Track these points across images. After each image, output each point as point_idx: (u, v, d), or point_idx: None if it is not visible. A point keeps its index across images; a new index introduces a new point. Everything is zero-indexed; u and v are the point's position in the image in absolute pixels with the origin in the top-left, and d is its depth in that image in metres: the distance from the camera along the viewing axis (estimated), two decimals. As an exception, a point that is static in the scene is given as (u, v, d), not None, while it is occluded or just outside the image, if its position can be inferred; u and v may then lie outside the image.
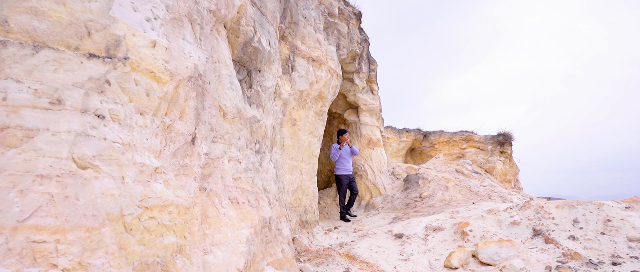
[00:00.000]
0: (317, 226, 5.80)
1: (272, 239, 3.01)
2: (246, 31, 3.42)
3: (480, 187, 8.24)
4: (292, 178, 5.26)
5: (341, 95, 9.49)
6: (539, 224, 4.46)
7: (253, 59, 3.71)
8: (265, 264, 2.86)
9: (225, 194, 2.46)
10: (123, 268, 1.34)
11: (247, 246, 2.28)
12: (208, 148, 2.35)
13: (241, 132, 2.96)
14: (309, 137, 5.83)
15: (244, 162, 2.97)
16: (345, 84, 9.28)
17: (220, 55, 2.80)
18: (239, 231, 2.27)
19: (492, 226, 4.82)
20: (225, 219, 2.24)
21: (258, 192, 3.07)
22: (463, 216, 5.43)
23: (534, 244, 4.18)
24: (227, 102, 2.81)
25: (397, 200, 7.98)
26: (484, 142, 12.79)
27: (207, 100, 2.37)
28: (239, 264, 2.13)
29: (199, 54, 2.27)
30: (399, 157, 14.90)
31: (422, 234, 5.14)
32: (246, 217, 2.54)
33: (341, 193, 7.45)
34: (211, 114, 2.48)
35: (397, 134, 14.68)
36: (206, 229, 2.10)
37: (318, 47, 5.69)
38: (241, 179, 2.85)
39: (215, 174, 2.37)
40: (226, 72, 2.88)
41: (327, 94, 6.03)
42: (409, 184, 8.50)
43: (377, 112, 9.48)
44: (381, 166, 9.04)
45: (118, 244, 1.38)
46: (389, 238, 5.13)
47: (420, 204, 7.37)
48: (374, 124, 9.32)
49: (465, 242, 4.59)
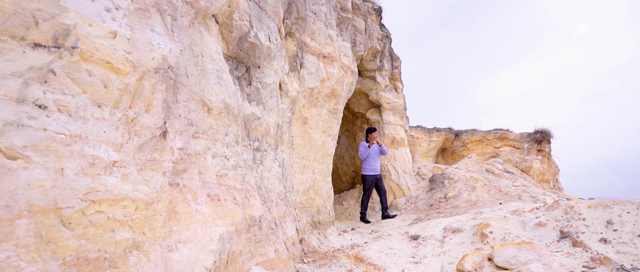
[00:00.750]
0: (332, 226, 5.64)
1: (262, 239, 2.90)
2: (240, 26, 3.35)
3: (511, 187, 7.74)
4: (304, 178, 5.14)
5: (363, 94, 9.28)
6: (566, 226, 4.06)
7: (251, 54, 3.64)
8: (253, 263, 2.75)
9: (204, 190, 2.38)
10: (39, 262, 1.27)
11: (220, 244, 2.18)
12: (184, 143, 2.28)
13: (229, 128, 2.87)
14: (323, 136, 5.69)
15: (233, 159, 2.89)
16: (366, 82, 9.07)
17: (205, 49, 2.74)
18: (211, 229, 2.18)
19: (515, 227, 4.46)
20: (197, 215, 2.15)
21: (249, 190, 2.97)
22: (485, 217, 5.08)
23: (559, 247, 3.80)
24: (213, 97, 2.74)
25: (421, 201, 7.65)
26: (520, 140, 12.08)
27: (182, 93, 2.30)
28: (207, 262, 2.03)
29: (170, 46, 2.21)
30: (430, 157, 14.42)
31: (440, 235, 4.85)
32: (226, 214, 2.45)
33: (366, 193, 7.19)
34: (189, 108, 2.41)
35: (427, 133, 14.22)
36: (174, 225, 2.01)
37: (330, 44, 5.55)
38: (228, 176, 2.76)
39: (191, 169, 2.30)
40: (213, 67, 2.81)
41: (341, 92, 5.87)
42: (434, 184, 8.14)
43: (401, 111, 9.18)
44: (405, 166, 8.73)
45: (43, 237, 1.31)
46: (404, 240, 4.88)
47: (444, 205, 7.02)
48: (398, 123, 9.03)
49: (484, 244, 4.27)
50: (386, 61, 9.11)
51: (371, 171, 7.18)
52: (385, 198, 7.26)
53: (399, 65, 9.62)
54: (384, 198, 7.24)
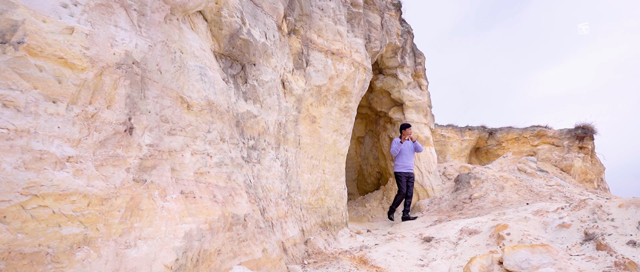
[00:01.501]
0: (344, 228, 5.50)
1: (248, 238, 2.82)
2: (230, 23, 3.32)
3: (544, 187, 7.22)
4: (312, 178, 5.04)
5: (385, 92, 9.05)
6: (592, 227, 3.68)
7: (245, 52, 3.60)
8: (236, 262, 2.68)
9: (177, 187, 2.34)
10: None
11: (186, 242, 2.13)
12: (154, 139, 2.26)
13: (212, 125, 2.83)
14: (334, 135, 5.57)
15: (217, 156, 2.84)
16: (388, 80, 8.84)
17: (185, 45, 2.72)
18: (177, 226, 2.13)
19: (536, 228, 4.11)
20: (163, 212, 2.11)
21: (235, 188, 2.91)
22: (507, 218, 4.73)
23: (581, 250, 3.44)
24: (194, 94, 2.71)
25: (445, 202, 7.31)
26: (559, 137, 11.30)
27: (151, 89, 2.28)
28: (167, 259, 1.98)
29: (136, 41, 2.19)
30: (462, 157, 13.86)
31: (455, 237, 4.58)
32: (200, 212, 2.40)
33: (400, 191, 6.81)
34: (162, 104, 2.39)
35: (458, 132, 13.69)
36: (136, 222, 1.98)
37: (339, 40, 5.43)
38: (210, 174, 2.72)
39: (162, 166, 2.27)
40: (195, 64, 2.79)
41: (352, 89, 5.72)
42: (459, 184, 7.77)
43: (425, 109, 8.86)
44: (430, 165, 8.40)
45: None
46: (416, 242, 4.65)
47: (469, 206, 6.66)
48: (422, 121, 8.72)
49: (500, 246, 3.97)
50: (408, 58, 8.83)
51: (404, 168, 6.81)
52: (410, 201, 6.94)
53: (422, 61, 9.29)
54: (409, 200, 6.91)
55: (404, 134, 6.84)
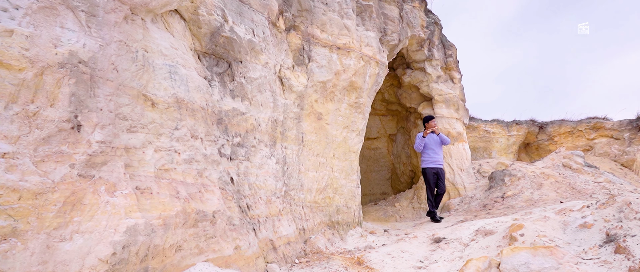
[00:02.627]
0: (356, 227, 5.33)
1: (216, 235, 2.80)
2: (209, 21, 3.33)
3: (590, 184, 6.48)
4: (319, 176, 4.93)
5: (414, 87, 8.70)
6: (615, 227, 3.21)
7: (229, 49, 3.60)
8: (201, 259, 2.67)
9: (131, 183, 2.38)
10: None
11: (127, 237, 2.14)
12: (106, 136, 2.31)
13: (181, 122, 2.86)
14: (344, 132, 5.42)
15: (187, 153, 2.86)
16: (416, 74, 8.48)
17: (151, 45, 2.76)
18: (121, 221, 2.15)
19: (554, 229, 3.68)
20: (107, 207, 2.14)
21: (207, 185, 2.91)
22: (526, 218, 4.29)
23: (598, 253, 3.01)
24: (160, 92, 2.75)
25: (475, 201, 6.84)
26: (619, 129, 10.13)
27: (103, 87, 2.34)
28: (102, 253, 2.00)
29: (84, 41, 2.26)
30: (510, 154, 12.95)
31: (468, 238, 4.24)
32: (155, 208, 2.41)
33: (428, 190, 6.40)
34: (118, 102, 2.44)
35: (505, 128, 12.82)
36: (76, 216, 2.03)
37: (346, 34, 5.28)
38: (176, 170, 2.74)
39: (113, 162, 2.31)
40: (163, 62, 2.83)
41: (362, 84, 5.53)
42: (493, 182, 7.23)
43: (457, 103, 8.37)
44: (462, 162, 7.92)
45: None
46: (425, 243, 4.37)
47: (498, 205, 6.16)
48: (453, 116, 8.25)
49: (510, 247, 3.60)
50: (436, 50, 8.41)
51: (431, 163, 6.39)
52: (440, 199, 6.48)
53: (453, 53, 8.80)
54: (439, 199, 6.47)
55: (428, 126, 6.47)
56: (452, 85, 8.66)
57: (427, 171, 6.33)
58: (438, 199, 6.41)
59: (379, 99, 9.71)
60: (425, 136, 6.37)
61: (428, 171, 6.33)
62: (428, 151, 6.38)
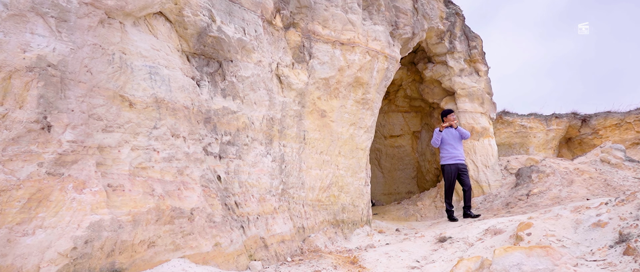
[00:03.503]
0: (364, 226, 5.21)
1: (194, 231, 2.83)
2: (195, 21, 3.38)
3: (630, 180, 5.92)
4: (323, 174, 4.87)
5: (436, 81, 8.39)
6: (631, 226, 2.89)
7: (218, 49, 3.64)
8: (177, 255, 2.71)
9: (103, 180, 2.46)
10: None
11: (90, 232, 2.21)
12: (78, 136, 2.40)
13: (160, 121, 2.92)
14: (350, 129, 5.33)
15: (166, 151, 2.91)
16: (438, 68, 8.18)
17: (130, 47, 2.85)
18: (85, 217, 2.23)
19: (564, 228, 3.38)
20: (73, 204, 2.23)
21: (187, 183, 2.95)
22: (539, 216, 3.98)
23: (605, 254, 2.72)
24: (138, 92, 2.82)
25: (499, 199, 6.48)
26: (672, 120, 9.17)
27: (74, 89, 2.43)
28: (62, 247, 2.08)
29: (54, 45, 2.36)
30: (549, 149, 12.18)
31: (475, 238, 4.01)
32: (125, 204, 2.47)
33: (446, 187, 6.07)
34: (92, 103, 2.53)
35: (543, 122, 12.09)
36: (41, 212, 2.13)
37: (351, 29, 5.19)
38: (154, 168, 2.80)
39: (84, 161, 2.40)
40: (143, 64, 2.90)
41: (369, 80, 5.40)
42: (519, 179, 6.81)
43: (481, 96, 7.97)
44: (487, 159, 7.53)
45: None
46: (429, 242, 4.18)
47: (522, 204, 5.79)
48: (477, 111, 7.87)
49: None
50: (458, 42, 8.05)
51: (450, 159, 6.00)
52: (469, 195, 6.00)
53: (478, 44, 8.39)
54: (468, 194, 6.00)
55: (446, 120, 6.15)
56: (477, 78, 8.26)
57: (446, 167, 6.03)
58: (466, 195, 6.02)
59: (401, 95, 9.47)
60: (441, 130, 6.05)
61: (447, 167, 6.02)
62: (446, 146, 6.07)
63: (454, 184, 5.99)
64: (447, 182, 6.00)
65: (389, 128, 9.73)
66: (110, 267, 2.31)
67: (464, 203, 5.96)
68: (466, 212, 5.93)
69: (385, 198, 9.93)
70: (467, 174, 5.99)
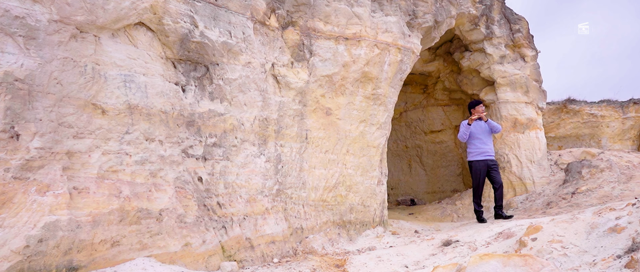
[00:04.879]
0: (376, 227, 5.00)
1: (162, 232, 2.93)
2: (176, 29, 3.50)
3: None
4: (328, 173, 4.77)
5: (474, 71, 7.80)
6: (646, 233, 2.39)
7: (203, 54, 3.73)
8: (143, 254, 2.83)
9: (68, 184, 2.64)
10: None
11: (44, 231, 2.38)
12: (46, 143, 2.61)
13: (133, 126, 3.06)
14: (360, 127, 5.15)
15: (139, 155, 3.05)
16: (476, 57, 7.59)
17: (104, 58, 3.03)
18: (42, 217, 2.40)
19: (575, 233, 2.92)
20: (33, 205, 2.42)
21: (159, 185, 3.07)
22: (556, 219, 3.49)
23: (607, 266, 2.30)
24: (111, 100, 2.99)
25: (541, 198, 5.82)
26: None
27: (43, 100, 2.64)
28: (15, 245, 2.26)
29: (22, 61, 2.59)
30: (626, 140, 10.74)
31: (483, 242, 3.65)
32: (87, 206, 2.63)
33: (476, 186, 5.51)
34: (62, 112, 2.74)
35: (618, 109, 10.69)
36: (3, 213, 2.34)
37: (357, 23, 5.01)
38: (125, 171, 2.94)
39: (51, 165, 2.60)
40: (117, 73, 3.08)
41: (379, 74, 5.17)
42: (568, 175, 6.06)
43: (526, 84, 7.23)
44: (533, 153, 6.81)
45: None
46: (431, 246, 3.89)
47: (563, 203, 5.14)
48: (521, 100, 7.16)
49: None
50: (497, 26, 7.39)
51: (479, 155, 5.45)
52: (500, 193, 5.41)
53: (522, 27, 7.61)
54: (499, 193, 5.40)
55: (474, 112, 5.63)
56: (523, 64, 7.50)
57: (474, 164, 5.53)
58: (497, 194, 5.47)
59: (439, 88, 8.94)
60: (470, 123, 5.54)
61: (475, 164, 5.51)
62: (474, 141, 5.55)
63: (483, 183, 5.49)
64: (475, 181, 5.51)
65: (428, 123, 9.24)
66: (68, 264, 2.48)
67: (495, 203, 5.43)
68: (497, 213, 5.40)
69: (428, 197, 9.46)
70: (497, 171, 5.45)
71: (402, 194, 9.84)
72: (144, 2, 3.28)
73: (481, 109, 5.59)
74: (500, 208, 5.38)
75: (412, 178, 9.75)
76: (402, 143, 9.72)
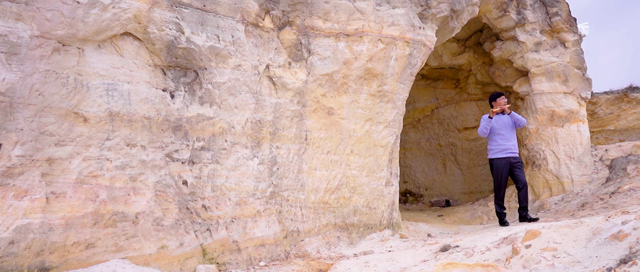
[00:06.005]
0: (384, 230, 4.79)
1: (138, 234, 3.01)
2: (161, 36, 3.60)
3: None
4: (330, 175, 4.65)
5: (507, 62, 7.24)
6: (644, 242, 2.01)
7: (190, 59, 3.80)
8: (118, 256, 2.92)
9: (46, 189, 2.80)
10: None
11: (15, 234, 2.52)
12: (26, 151, 2.79)
13: (114, 133, 3.18)
14: (366, 125, 4.97)
15: (119, 160, 3.17)
16: (508, 46, 7.04)
17: (86, 68, 3.18)
18: (15, 221, 2.56)
19: (575, 240, 2.56)
20: (9, 210, 2.59)
21: (138, 189, 3.16)
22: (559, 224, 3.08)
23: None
24: (93, 108, 3.14)
25: (578, 199, 5.24)
26: None
27: (23, 111, 2.83)
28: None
29: (4, 76, 2.79)
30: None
31: (482, 248, 3.34)
32: (62, 209, 2.77)
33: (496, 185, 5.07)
34: (43, 122, 2.91)
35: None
36: (-20, 216, 2.54)
37: (359, 18, 4.85)
38: (105, 176, 3.07)
39: (30, 172, 2.77)
40: (100, 82, 3.22)
41: (384, 70, 4.95)
42: (612, 173, 5.40)
43: (564, 72, 6.55)
44: (573, 149, 6.16)
45: None
46: (429, 251, 3.62)
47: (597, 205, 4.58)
48: (558, 91, 6.51)
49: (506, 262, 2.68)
50: (530, 11, 6.78)
51: (500, 152, 4.97)
52: (524, 193, 4.92)
53: (561, 10, 6.91)
54: (523, 193, 4.92)
55: (495, 106, 5.17)
56: (562, 50, 6.80)
57: (495, 162, 5.08)
58: (521, 194, 4.99)
59: (472, 81, 8.39)
60: (491, 116, 5.09)
61: (496, 162, 5.05)
62: (495, 137, 5.09)
63: (505, 182, 5.03)
64: (497, 180, 5.06)
65: (461, 120, 8.71)
66: (40, 265, 2.63)
67: (519, 204, 4.94)
68: (522, 215, 4.92)
69: (465, 197, 8.92)
70: (521, 169, 4.96)
71: (436, 195, 9.38)
72: (126, 13, 3.41)
73: (503, 101, 5.13)
74: (524, 210, 4.90)
75: (447, 178, 9.26)
76: (435, 141, 9.26)
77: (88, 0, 3.17)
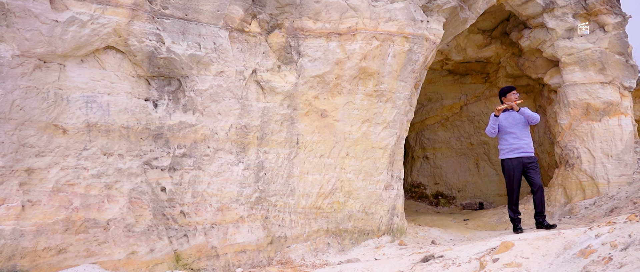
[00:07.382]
0: (382, 236, 4.57)
1: (108, 240, 3.12)
2: (141, 48, 3.72)
3: None
4: (323, 179, 4.53)
5: (536, 51, 6.65)
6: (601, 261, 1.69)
7: (172, 68, 3.89)
8: (89, 261, 3.05)
9: (24, 197, 2.99)
10: None
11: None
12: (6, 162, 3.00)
13: (91, 143, 3.34)
14: (363, 127, 4.78)
15: (96, 169, 3.31)
16: (537, 34, 6.46)
17: (67, 83, 3.36)
18: (-11, 227, 2.77)
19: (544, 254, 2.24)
20: (-17, 217, 2.82)
21: (112, 196, 3.28)
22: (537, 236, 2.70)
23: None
24: (72, 120, 3.32)
25: (609, 203, 4.66)
26: None
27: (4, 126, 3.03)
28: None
29: (-14, 93, 3.05)
30: None
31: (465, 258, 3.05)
32: (35, 216, 2.95)
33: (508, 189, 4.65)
34: (23, 135, 3.12)
35: None
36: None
37: (353, 16, 4.68)
38: (80, 184, 3.23)
39: (9, 182, 2.97)
40: (80, 95, 3.40)
41: (381, 68, 4.72)
42: (654, 173, 4.69)
43: (601, 60, 5.86)
44: (612, 146, 5.49)
45: None
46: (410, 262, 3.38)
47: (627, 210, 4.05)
48: (594, 80, 5.83)
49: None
50: (560, -7, 6.12)
51: (511, 152, 4.56)
52: (540, 197, 4.43)
53: (598, -11, 6.15)
54: (539, 197, 4.44)
55: (505, 101, 4.71)
56: (601, 35, 6.07)
57: (506, 163, 4.62)
58: (536, 198, 4.50)
59: (502, 75, 7.78)
60: (497, 114, 4.65)
61: (508, 163, 4.58)
62: (506, 136, 4.62)
63: (518, 185, 4.55)
64: (509, 183, 4.60)
65: (492, 116, 8.09)
66: (12, 268, 2.82)
67: (535, 209, 4.46)
68: (538, 221, 4.43)
69: (500, 199, 8.29)
70: (536, 170, 4.46)
71: (469, 197, 8.82)
72: (106, 28, 3.56)
73: (514, 97, 4.66)
74: (541, 215, 4.40)
75: (481, 179, 8.67)
76: (466, 140, 8.71)
77: (67, 18, 3.36)
